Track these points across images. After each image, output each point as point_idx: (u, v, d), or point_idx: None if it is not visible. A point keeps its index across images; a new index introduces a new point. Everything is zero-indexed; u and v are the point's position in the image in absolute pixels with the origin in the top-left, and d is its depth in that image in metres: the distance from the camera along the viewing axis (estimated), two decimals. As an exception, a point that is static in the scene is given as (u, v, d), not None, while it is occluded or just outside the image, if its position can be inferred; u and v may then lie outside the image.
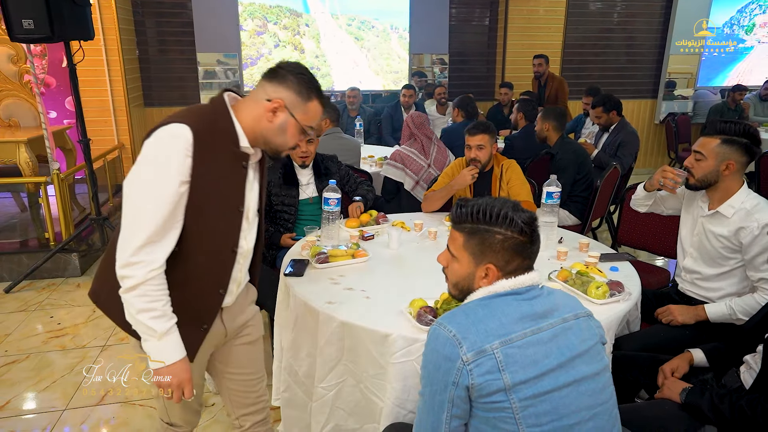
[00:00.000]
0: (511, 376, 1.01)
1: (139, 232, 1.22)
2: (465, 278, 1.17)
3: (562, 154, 3.51)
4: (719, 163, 1.86)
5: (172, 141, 1.23)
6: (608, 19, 6.97)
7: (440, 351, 1.04)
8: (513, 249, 1.11)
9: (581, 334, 1.10)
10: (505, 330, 1.04)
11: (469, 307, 1.12)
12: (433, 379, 1.06)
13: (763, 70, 7.26)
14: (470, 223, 1.14)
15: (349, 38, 6.27)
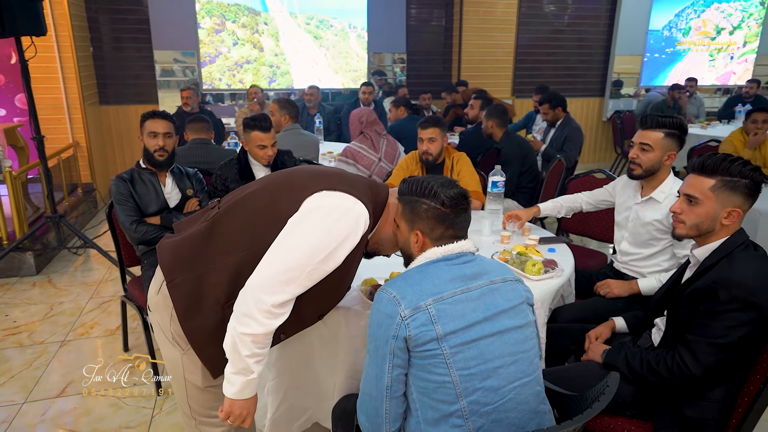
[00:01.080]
0: (443, 327, 1.15)
1: (290, 288, 1.26)
2: (404, 243, 1.33)
3: (507, 148, 3.70)
4: (663, 154, 2.04)
5: (358, 222, 1.30)
6: (558, 21, 7.28)
7: (383, 310, 1.18)
8: (436, 218, 1.25)
9: (507, 295, 1.24)
10: (438, 289, 1.18)
11: (407, 273, 1.26)
12: (377, 335, 1.19)
13: (698, 70, 7.73)
14: (407, 195, 1.29)
15: (308, 37, 6.35)
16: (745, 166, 1.48)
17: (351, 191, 1.32)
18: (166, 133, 2.56)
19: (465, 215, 1.28)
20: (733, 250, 1.46)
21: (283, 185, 1.40)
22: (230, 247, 1.35)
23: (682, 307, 1.51)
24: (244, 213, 1.38)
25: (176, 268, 1.38)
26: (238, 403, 1.34)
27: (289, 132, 3.72)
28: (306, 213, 1.29)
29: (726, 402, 1.46)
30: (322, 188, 1.31)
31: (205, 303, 1.36)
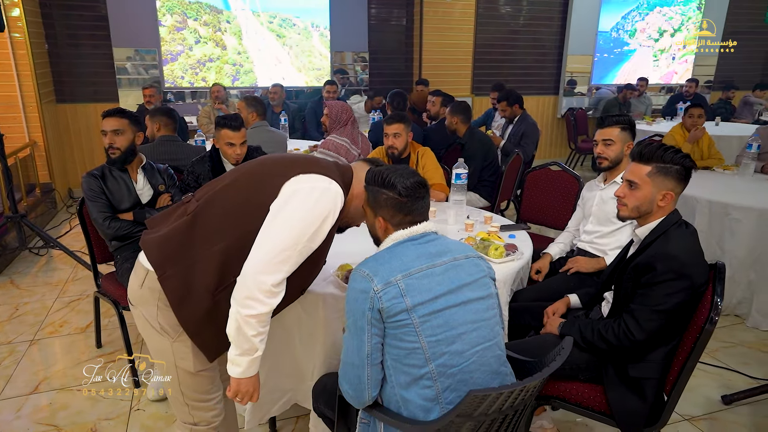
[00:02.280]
0: (411, 299, 1.27)
1: (286, 267, 1.37)
2: (371, 227, 1.48)
3: (470, 143, 3.88)
4: (623, 145, 2.34)
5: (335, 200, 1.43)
6: (514, 22, 7.56)
7: (357, 287, 1.30)
8: (394, 206, 1.38)
9: (469, 270, 1.37)
10: (406, 266, 1.31)
11: (378, 254, 1.38)
12: (354, 309, 1.31)
13: (644, 70, 8.18)
14: (370, 184, 1.42)
15: (271, 35, 6.38)
16: (676, 153, 1.67)
17: (324, 172, 1.45)
18: (115, 131, 2.51)
19: (422, 202, 1.39)
20: (669, 229, 1.66)
21: (260, 174, 1.49)
22: (215, 237, 1.43)
23: (626, 281, 1.70)
24: (224, 204, 1.46)
25: (166, 262, 1.45)
26: (245, 381, 1.43)
27: (257, 129, 3.78)
28: (288, 197, 1.39)
29: (665, 362, 1.66)
30: (298, 173, 1.42)
31: (196, 291, 1.43)
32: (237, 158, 2.84)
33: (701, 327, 1.54)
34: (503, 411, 1.27)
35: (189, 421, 1.61)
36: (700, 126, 4.14)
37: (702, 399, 2.49)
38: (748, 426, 2.32)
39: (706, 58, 8.69)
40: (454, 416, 1.22)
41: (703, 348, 1.55)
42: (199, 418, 1.60)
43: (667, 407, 1.65)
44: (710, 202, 3.23)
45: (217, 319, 1.44)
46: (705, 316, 1.55)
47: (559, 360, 1.32)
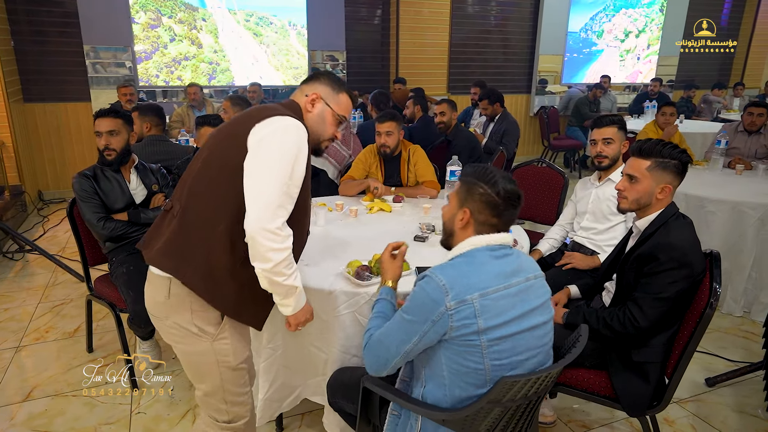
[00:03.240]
0: (484, 321, 1.25)
1: (282, 211, 1.40)
2: (449, 217, 1.43)
3: (457, 141, 3.96)
4: (620, 144, 2.45)
5: (298, 132, 1.44)
6: (487, 21, 7.70)
7: (429, 294, 1.27)
8: (486, 203, 1.35)
9: (537, 292, 1.36)
10: (484, 284, 1.27)
11: (455, 262, 1.35)
12: (417, 311, 1.29)
13: (611, 69, 8.46)
14: (469, 176, 1.41)
15: (248, 34, 6.31)
16: (674, 149, 1.78)
17: (276, 113, 1.46)
18: (110, 131, 2.48)
19: (513, 211, 1.37)
20: (668, 220, 1.75)
21: (224, 140, 1.51)
22: (213, 220, 1.46)
23: (629, 271, 1.79)
24: (205, 186, 1.48)
25: (181, 265, 1.46)
26: (299, 313, 1.55)
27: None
28: (256, 148, 1.41)
29: (666, 346, 1.75)
30: (255, 123, 1.44)
31: (221, 277, 1.47)
32: None
33: (701, 312, 1.64)
34: (528, 397, 1.33)
35: (225, 419, 1.61)
36: (672, 123, 4.33)
37: (688, 382, 2.62)
38: (731, 406, 2.46)
39: (668, 59, 9.05)
40: (485, 402, 1.27)
41: (703, 332, 1.65)
42: (234, 414, 1.61)
43: (669, 389, 1.74)
44: (686, 195, 3.39)
45: (250, 290, 1.50)
46: (704, 302, 1.65)
47: (579, 347, 1.39)
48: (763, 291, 3.25)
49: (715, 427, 2.31)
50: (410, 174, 3.21)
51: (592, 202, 2.55)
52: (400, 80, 6.60)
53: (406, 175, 3.21)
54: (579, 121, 7.25)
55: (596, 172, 2.57)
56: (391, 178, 3.19)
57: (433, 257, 2.16)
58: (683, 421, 2.35)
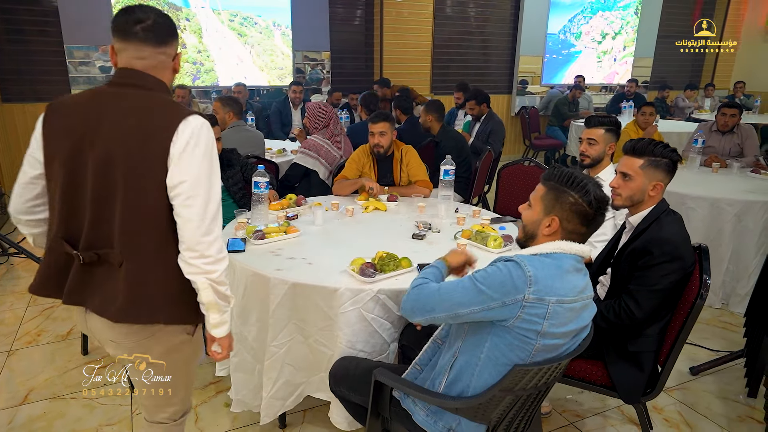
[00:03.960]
0: (549, 326, 1.28)
1: (216, 223, 1.29)
2: (533, 223, 1.41)
3: (445, 141, 4.03)
4: (605, 146, 2.51)
5: (211, 132, 1.32)
6: (470, 23, 7.81)
7: (514, 278, 1.28)
8: (577, 213, 1.33)
9: (590, 312, 1.40)
10: (564, 292, 1.29)
11: (544, 258, 1.34)
12: (494, 286, 1.29)
13: (588, 71, 8.66)
14: (554, 181, 1.37)
15: (232, 34, 6.29)
16: (665, 148, 1.87)
17: (182, 114, 1.29)
18: None
19: (601, 219, 1.36)
20: (660, 216, 1.84)
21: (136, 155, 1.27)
22: (142, 247, 1.30)
23: (624, 265, 1.87)
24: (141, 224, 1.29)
25: (145, 311, 1.33)
26: (226, 337, 1.41)
27: (235, 129, 3.76)
28: (176, 166, 1.25)
29: (659, 336, 1.84)
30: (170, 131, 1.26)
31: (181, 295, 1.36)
32: None
33: (692, 303, 1.73)
34: (538, 387, 1.39)
35: (184, 410, 1.61)
36: (651, 123, 4.47)
37: (674, 372, 2.67)
38: (714, 392, 2.58)
39: (643, 60, 9.30)
40: (497, 390, 1.33)
41: (694, 321, 1.74)
42: (189, 403, 1.63)
43: (662, 376, 1.83)
44: (668, 192, 3.46)
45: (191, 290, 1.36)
46: (695, 294, 1.74)
47: (588, 339, 1.45)
48: (740, 283, 3.40)
49: (701, 413, 2.42)
50: (403, 174, 3.26)
51: None
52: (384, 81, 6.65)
53: (399, 175, 3.27)
54: (559, 121, 7.41)
55: (583, 170, 2.65)
56: (384, 177, 3.24)
57: (432, 255, 2.21)
58: (671, 408, 2.45)
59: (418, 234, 2.44)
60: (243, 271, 2.10)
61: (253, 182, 2.51)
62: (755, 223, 3.31)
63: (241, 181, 3.05)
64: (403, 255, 2.08)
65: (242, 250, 2.21)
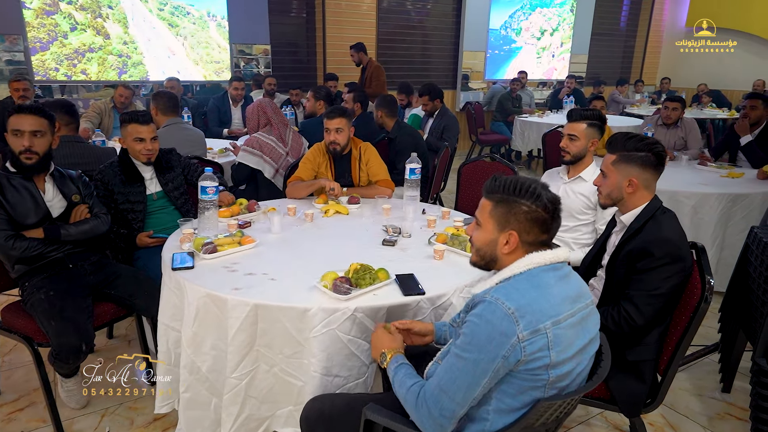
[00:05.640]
0: (556, 354, 1.11)
1: None
2: (488, 244, 1.24)
3: (400, 138, 3.83)
4: (587, 141, 2.37)
5: None
6: (413, 17, 7.67)
7: (497, 325, 1.09)
8: (534, 221, 1.19)
9: (594, 320, 1.24)
10: (555, 310, 1.13)
11: (518, 284, 1.17)
12: (483, 348, 1.10)
13: (529, 66, 8.77)
14: (500, 193, 1.21)
15: (162, 24, 5.79)
16: (640, 141, 1.76)
17: None
18: (35, 132, 2.12)
19: (559, 221, 1.23)
20: (655, 214, 1.73)
21: None
22: None
23: (619, 267, 1.74)
24: None
25: None
26: None
27: (171, 127, 3.38)
28: None
29: (658, 343, 1.73)
30: None
31: None
32: (148, 155, 2.55)
33: (695, 306, 1.62)
34: (559, 419, 1.22)
35: None
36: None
37: None
38: (689, 390, 2.54)
39: (578, 57, 9.55)
40: (520, 429, 1.14)
41: (698, 326, 1.63)
42: None
43: (663, 386, 1.71)
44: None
45: None
46: (696, 296, 1.63)
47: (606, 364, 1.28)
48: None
49: (681, 413, 2.37)
50: (362, 173, 3.04)
51: (562, 196, 2.50)
52: (331, 76, 6.35)
53: (358, 175, 3.04)
54: (503, 116, 7.43)
55: (563, 165, 2.53)
56: (341, 177, 3.00)
57: (408, 263, 2.02)
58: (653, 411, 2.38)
59: (388, 240, 2.23)
60: (194, 291, 1.80)
61: (200, 187, 2.20)
62: (710, 216, 3.35)
63: (183, 185, 2.72)
64: (375, 264, 1.86)
65: (191, 267, 1.91)
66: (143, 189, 2.60)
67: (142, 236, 2.54)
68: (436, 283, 1.84)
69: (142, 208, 2.59)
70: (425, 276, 1.88)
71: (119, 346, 2.80)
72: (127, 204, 2.56)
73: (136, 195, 2.57)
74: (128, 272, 2.38)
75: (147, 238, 2.53)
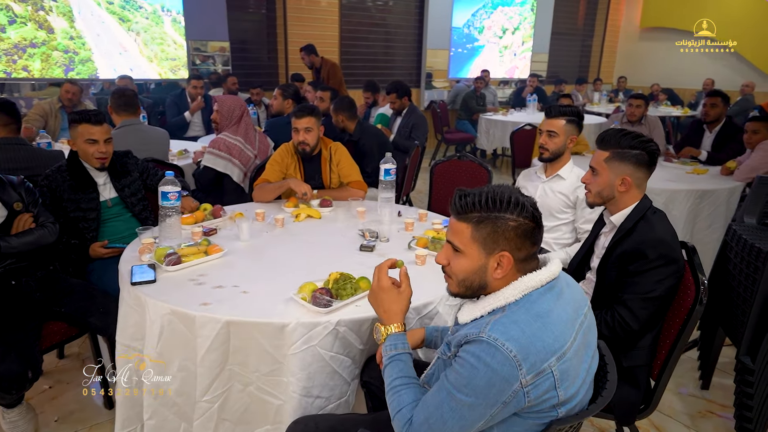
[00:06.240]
0: (564, 392, 1.02)
1: None
2: (476, 272, 1.10)
3: (365, 139, 3.71)
4: (566, 138, 2.31)
5: None
6: (376, 15, 7.55)
7: (498, 371, 0.97)
8: (524, 235, 1.06)
9: (593, 329, 1.14)
10: (559, 343, 1.02)
11: (517, 316, 1.04)
12: (481, 393, 0.99)
13: (491, 65, 8.81)
14: (478, 212, 1.07)
15: (112, 19, 5.45)
16: (634, 139, 1.70)
17: None
18: None
19: (542, 226, 1.12)
20: (646, 213, 1.67)
21: None
22: None
23: (611, 270, 1.68)
24: None
25: None
26: None
27: (126, 129, 3.14)
28: None
29: (652, 347, 1.68)
30: None
31: None
32: (102, 158, 2.35)
33: (690, 308, 1.57)
34: (569, 435, 1.13)
35: None
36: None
37: None
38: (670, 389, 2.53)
39: (539, 56, 9.66)
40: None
41: (693, 327, 1.58)
42: None
43: (657, 391, 1.66)
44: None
45: None
46: (691, 297, 1.58)
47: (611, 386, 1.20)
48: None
49: (665, 413, 2.35)
50: (333, 174, 2.90)
51: (540, 196, 2.44)
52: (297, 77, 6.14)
53: (329, 176, 2.90)
54: (468, 115, 7.41)
55: (541, 164, 2.48)
56: (311, 179, 2.85)
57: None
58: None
59: (366, 245, 2.11)
60: (157, 308, 1.63)
61: (161, 192, 2.02)
62: (680, 212, 3.38)
63: (141, 191, 2.52)
64: (353, 272, 1.73)
65: (152, 281, 1.74)
66: (96, 195, 2.40)
67: (95, 247, 2.33)
68: (420, 290, 1.72)
69: (96, 216, 2.38)
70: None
71: (72, 367, 2.56)
72: (78, 212, 2.34)
73: (88, 202, 2.36)
74: (81, 287, 2.18)
75: (101, 249, 2.32)
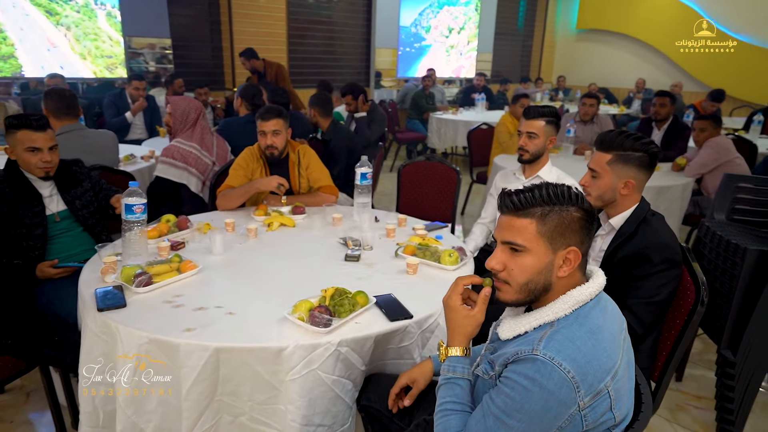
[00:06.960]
0: (619, 412, 0.97)
1: None
2: (541, 271, 1.01)
3: (336, 141, 3.59)
4: (546, 139, 2.29)
5: None
6: (321, 12, 7.39)
7: (555, 393, 0.90)
8: (584, 229, 1.01)
9: (628, 339, 1.08)
10: (612, 361, 0.96)
11: (573, 332, 0.96)
12: (536, 418, 0.92)
13: (438, 64, 8.86)
14: (540, 206, 1.00)
15: (38, 12, 4.99)
16: (637, 140, 1.68)
17: None
18: None
19: (595, 223, 1.08)
20: (646, 216, 1.66)
21: None
22: None
23: (613, 273, 1.64)
24: None
25: None
26: None
27: (70, 134, 2.84)
28: None
29: (652, 350, 1.67)
30: None
31: None
32: (46, 168, 2.12)
33: (690, 310, 1.57)
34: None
35: None
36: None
37: None
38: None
39: (484, 55, 9.83)
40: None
41: (695, 328, 1.59)
42: None
43: (658, 394, 1.66)
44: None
45: None
46: (691, 299, 1.58)
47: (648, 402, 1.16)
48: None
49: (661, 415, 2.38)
50: (302, 179, 2.76)
51: None
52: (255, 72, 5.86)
53: (298, 181, 2.75)
54: (418, 114, 7.41)
55: (519, 165, 2.45)
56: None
57: (377, 279, 1.81)
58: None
59: (351, 255, 2.00)
60: (132, 337, 1.44)
61: (124, 205, 1.81)
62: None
63: (94, 203, 2.28)
64: (343, 284, 1.63)
65: (122, 305, 1.55)
66: (41, 209, 2.14)
67: (43, 266, 2.08)
68: (418, 302, 1.64)
69: (42, 232, 2.13)
70: (405, 295, 1.68)
71: (14, 403, 2.28)
72: (20, 228, 2.09)
73: (32, 216, 2.11)
74: (29, 314, 1.93)
75: (50, 269, 2.08)
